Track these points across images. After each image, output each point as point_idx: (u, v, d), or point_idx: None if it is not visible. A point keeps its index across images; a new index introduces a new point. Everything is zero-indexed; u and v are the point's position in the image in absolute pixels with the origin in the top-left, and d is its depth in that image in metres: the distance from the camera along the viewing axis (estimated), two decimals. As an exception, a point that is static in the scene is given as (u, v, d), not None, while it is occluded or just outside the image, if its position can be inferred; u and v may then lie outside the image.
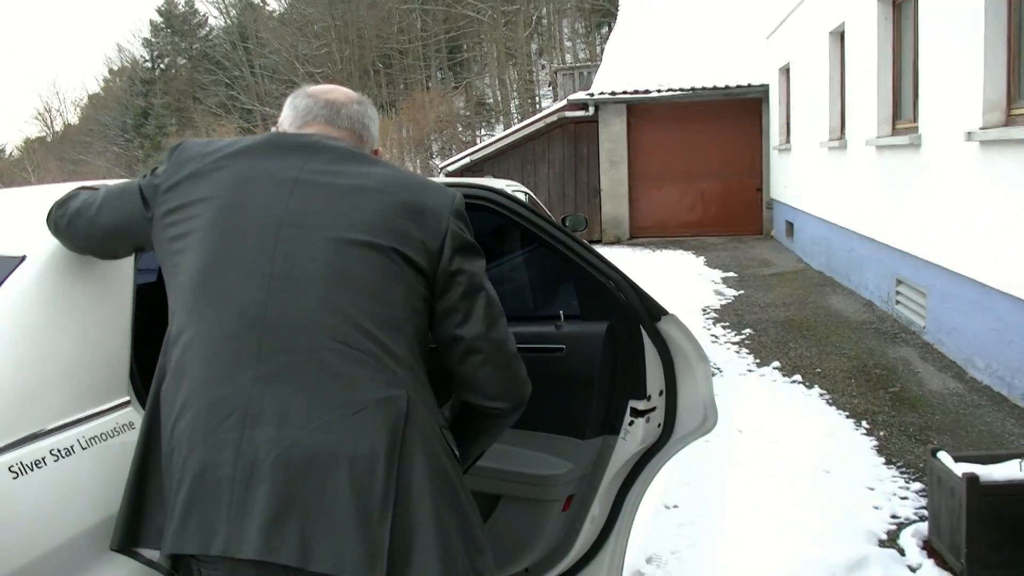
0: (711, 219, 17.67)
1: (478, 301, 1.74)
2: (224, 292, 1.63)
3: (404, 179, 1.80)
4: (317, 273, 1.62)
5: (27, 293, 1.79)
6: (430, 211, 1.74)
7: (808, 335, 8.18)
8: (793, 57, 13.95)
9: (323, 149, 1.80)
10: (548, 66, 40.05)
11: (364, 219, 1.68)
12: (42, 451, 1.63)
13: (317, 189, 1.71)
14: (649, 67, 18.00)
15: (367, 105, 2.04)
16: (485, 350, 1.73)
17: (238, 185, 1.73)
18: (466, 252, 1.76)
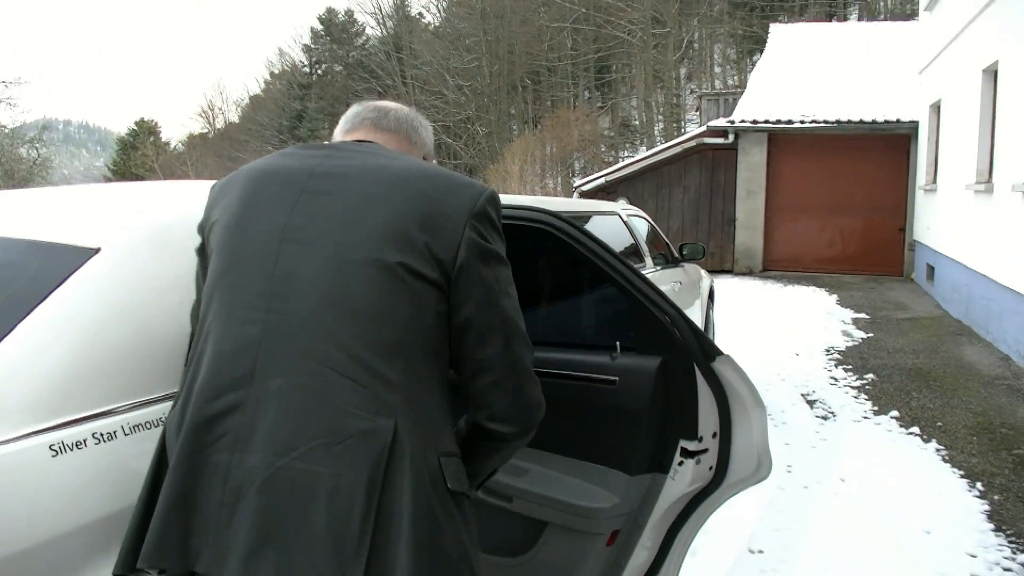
0: (848, 257, 17.15)
1: (493, 316, 1.65)
2: (226, 311, 1.62)
3: (423, 179, 1.69)
4: (313, 295, 1.57)
5: (96, 283, 1.85)
6: (446, 216, 1.63)
7: (934, 386, 7.79)
8: (944, 94, 13.40)
9: (341, 149, 1.77)
10: (696, 91, 39.64)
11: (369, 231, 1.60)
12: (84, 433, 1.68)
13: (322, 199, 1.65)
14: (793, 97, 17.65)
15: (418, 115, 2.01)
16: (497, 370, 1.65)
17: (247, 200, 1.70)
18: (485, 260, 1.66)
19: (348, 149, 1.79)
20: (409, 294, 1.58)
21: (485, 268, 1.65)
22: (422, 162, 1.77)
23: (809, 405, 7.17)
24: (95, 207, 2.34)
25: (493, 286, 1.66)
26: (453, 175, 1.73)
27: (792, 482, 5.25)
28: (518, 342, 1.67)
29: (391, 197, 1.63)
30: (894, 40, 19.35)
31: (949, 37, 12.70)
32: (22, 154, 26.38)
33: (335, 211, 1.63)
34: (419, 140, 1.97)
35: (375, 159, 1.74)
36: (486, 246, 1.66)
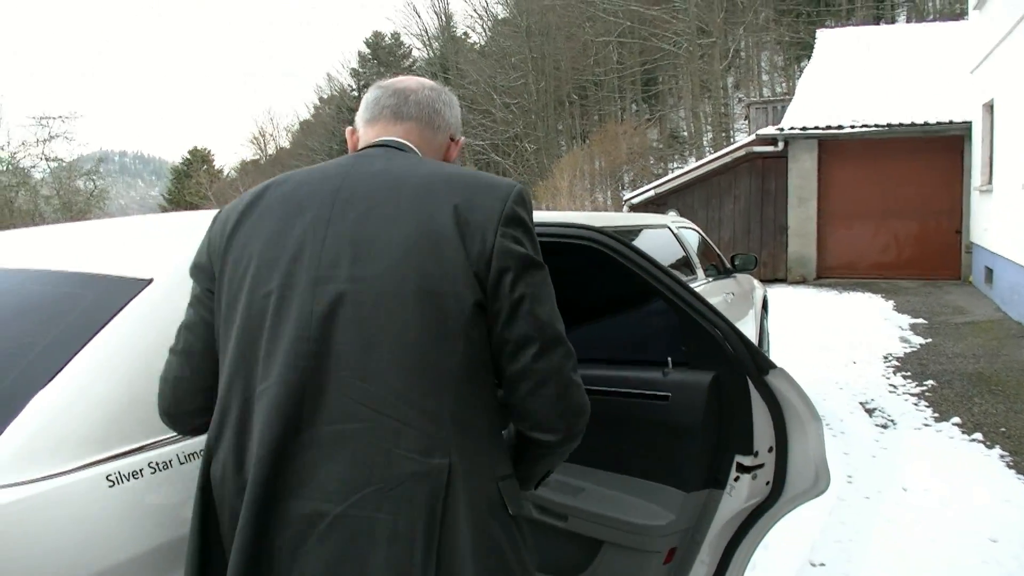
0: (904, 261, 16.88)
1: (529, 324, 1.57)
2: (266, 357, 1.58)
3: (447, 189, 1.61)
4: (354, 335, 1.52)
5: (149, 314, 1.90)
6: (475, 226, 1.56)
7: (997, 391, 7.63)
8: (997, 93, 13.17)
9: (362, 161, 1.72)
10: (744, 99, 39.36)
11: (400, 260, 1.54)
12: (140, 463, 1.71)
13: (350, 228, 1.59)
14: (842, 102, 17.47)
15: (442, 92, 1.94)
16: (535, 378, 1.57)
17: (266, 234, 1.65)
18: (520, 268, 1.58)
19: (372, 157, 1.73)
20: (451, 320, 1.53)
21: (520, 276, 1.58)
22: (444, 167, 1.70)
23: (868, 414, 7.07)
24: (146, 238, 2.39)
25: (528, 293, 1.58)
26: (476, 178, 1.66)
27: (853, 492, 5.17)
28: (556, 348, 1.59)
29: (419, 218, 1.57)
30: (943, 40, 19.09)
31: (1000, 35, 12.49)
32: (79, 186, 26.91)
33: (366, 238, 1.57)
34: (442, 123, 1.90)
35: (401, 164, 1.69)
36: (519, 251, 1.59)
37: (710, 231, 17.44)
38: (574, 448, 1.69)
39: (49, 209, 25.80)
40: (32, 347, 1.83)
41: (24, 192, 25.45)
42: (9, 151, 24.89)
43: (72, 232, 2.60)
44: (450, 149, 1.94)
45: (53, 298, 2.04)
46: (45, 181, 26.61)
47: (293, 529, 1.50)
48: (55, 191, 26.13)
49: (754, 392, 2.49)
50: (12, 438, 1.61)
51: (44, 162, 25.43)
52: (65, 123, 25.89)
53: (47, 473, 1.59)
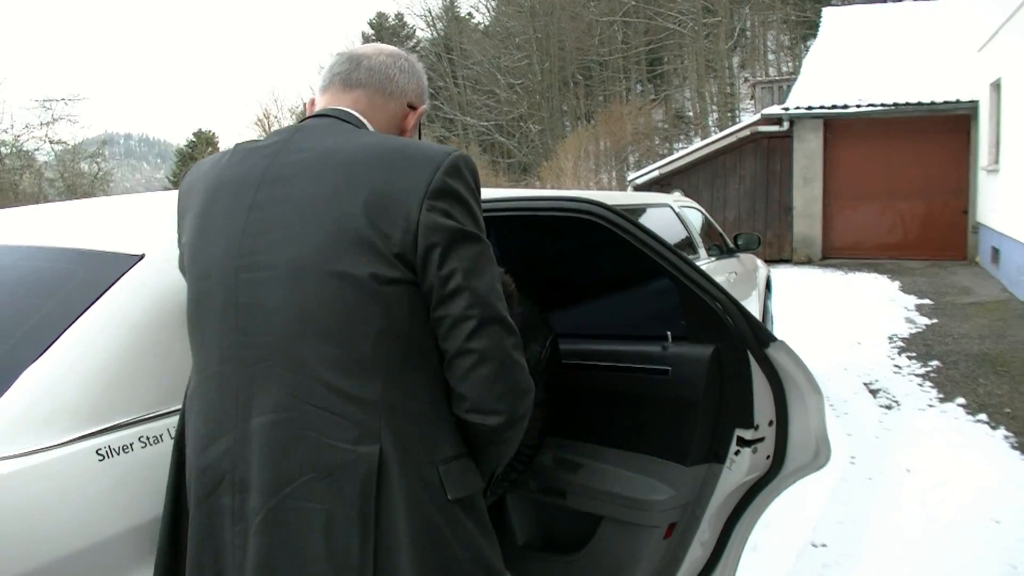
0: (910, 242, 16.83)
1: (462, 301, 1.48)
2: (202, 352, 1.60)
3: (373, 161, 1.53)
4: (278, 324, 1.50)
5: (140, 289, 1.88)
6: (397, 202, 1.48)
7: (1002, 371, 7.61)
8: (1005, 72, 13.08)
9: (298, 135, 1.64)
10: (750, 79, 39.18)
11: (320, 242, 1.49)
12: (131, 438, 1.70)
13: (271, 211, 1.54)
14: (848, 81, 17.37)
15: (400, 57, 1.82)
16: (471, 356, 1.49)
17: (201, 223, 1.64)
18: (448, 243, 1.49)
19: (306, 132, 1.65)
20: (375, 302, 1.47)
21: (449, 251, 1.49)
22: (377, 141, 1.60)
23: (872, 394, 7.05)
24: (139, 215, 2.38)
25: (459, 268, 1.49)
26: (405, 152, 1.55)
27: (856, 473, 5.16)
28: (492, 325, 1.50)
29: (339, 194, 1.51)
30: (950, 19, 18.96)
31: (1007, 13, 12.40)
32: (83, 169, 26.92)
33: (285, 223, 1.53)
34: (396, 89, 1.79)
35: (330, 141, 1.60)
36: (447, 224, 1.49)
37: (715, 211, 17.40)
38: (518, 436, 1.61)
39: (53, 192, 25.84)
40: (24, 322, 1.83)
41: (28, 175, 25.46)
42: (13, 134, 24.90)
43: (65, 210, 2.59)
44: (408, 117, 1.83)
45: (45, 273, 2.04)
46: (49, 164, 26.64)
47: (237, 522, 1.51)
48: (59, 174, 26.15)
49: (754, 365, 2.48)
50: (2, 411, 1.60)
51: (48, 145, 25.45)
52: (69, 105, 25.96)
53: (37, 446, 1.58)
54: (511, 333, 1.54)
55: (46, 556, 1.52)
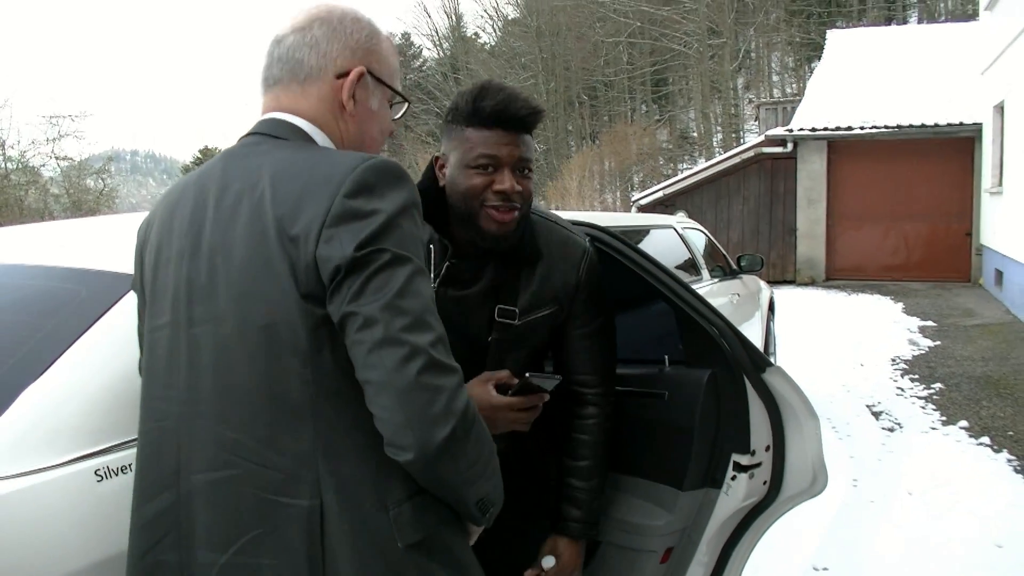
0: (914, 264, 16.83)
1: (358, 324, 1.31)
2: (146, 403, 1.54)
3: (274, 198, 1.39)
4: (207, 380, 1.42)
5: None
6: (298, 240, 1.35)
7: (1005, 394, 7.59)
8: (1008, 94, 13.11)
9: (220, 167, 1.52)
10: (755, 100, 39.28)
11: (234, 296, 1.40)
12: (129, 458, 1.69)
13: (200, 264, 1.45)
14: (852, 103, 17.43)
15: (316, 21, 1.57)
16: (372, 387, 1.31)
17: (155, 265, 1.56)
18: (352, 270, 1.31)
19: (233, 161, 1.52)
20: (290, 351, 1.37)
21: (345, 278, 1.32)
22: (285, 162, 1.44)
23: (875, 417, 7.04)
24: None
25: (356, 289, 1.31)
26: (310, 173, 1.40)
27: (858, 497, 5.15)
28: (387, 348, 1.29)
29: (250, 243, 1.39)
30: (954, 41, 19.03)
31: (1011, 36, 12.44)
32: (89, 185, 26.97)
33: (211, 275, 1.44)
34: (312, 68, 1.55)
35: (243, 178, 1.46)
36: (344, 254, 1.31)
37: (719, 232, 17.41)
38: (446, 471, 1.36)
39: (59, 208, 25.86)
40: (25, 341, 1.83)
41: (34, 191, 25.50)
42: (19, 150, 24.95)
43: (69, 228, 2.61)
44: (342, 89, 1.56)
45: (48, 293, 2.05)
46: (55, 180, 26.69)
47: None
48: (65, 190, 26.19)
49: (751, 390, 2.47)
50: (2, 431, 1.61)
51: (54, 161, 25.49)
52: (75, 122, 25.93)
53: (36, 467, 1.58)
54: (416, 355, 1.30)
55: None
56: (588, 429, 2.24)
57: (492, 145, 1.98)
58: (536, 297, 2.11)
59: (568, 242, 2.19)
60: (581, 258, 2.19)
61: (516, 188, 1.98)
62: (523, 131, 2.01)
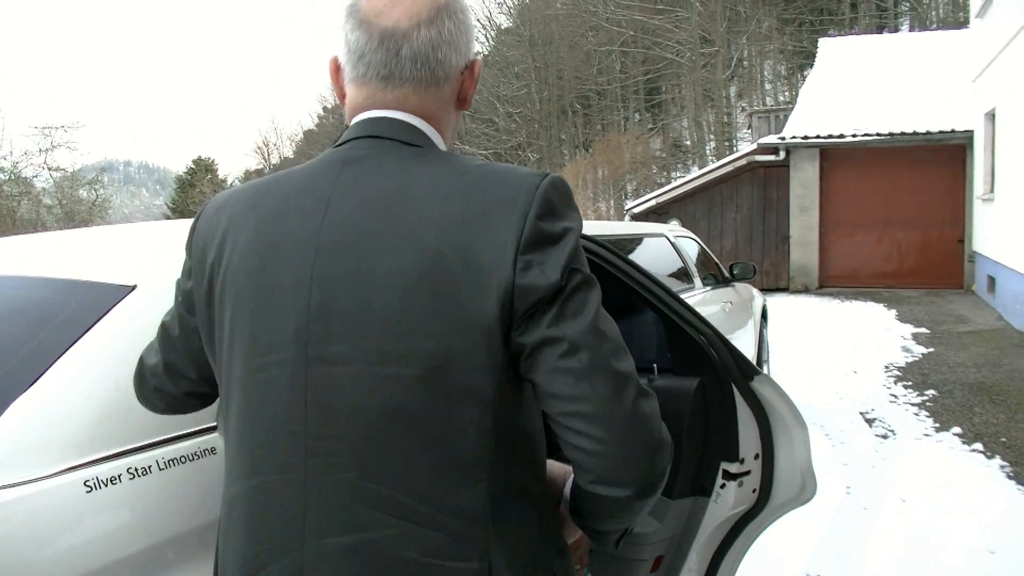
0: (907, 270, 16.87)
1: (562, 343, 1.19)
2: (253, 449, 1.32)
3: (447, 216, 1.23)
4: (356, 426, 1.23)
5: (133, 320, 1.89)
6: (484, 264, 1.20)
7: (998, 400, 7.61)
8: (999, 102, 13.16)
9: (347, 168, 1.32)
10: (747, 108, 39.37)
11: (395, 331, 1.21)
12: (119, 469, 1.69)
13: (339, 290, 1.25)
14: (844, 111, 17.48)
15: (443, 14, 1.37)
16: (584, 414, 1.19)
17: (250, 289, 1.32)
18: (548, 301, 1.20)
19: (355, 167, 1.32)
20: (471, 396, 1.22)
21: (554, 303, 1.20)
22: (449, 172, 1.29)
23: (868, 424, 7.04)
24: (132, 246, 2.39)
25: (562, 313, 1.21)
26: (485, 190, 1.25)
27: (851, 503, 5.15)
28: (603, 374, 1.20)
29: (419, 268, 1.21)
30: (945, 49, 19.11)
31: (1002, 43, 12.49)
32: (82, 196, 27.02)
33: (358, 306, 1.24)
34: (449, 67, 1.39)
35: (391, 184, 1.28)
36: (549, 281, 1.20)
37: (712, 240, 17.44)
38: (650, 503, 1.28)
39: (51, 219, 25.90)
40: (15, 351, 1.83)
41: (27, 201, 25.53)
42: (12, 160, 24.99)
43: (59, 239, 2.61)
44: (464, 84, 1.44)
45: (38, 303, 2.04)
46: (47, 191, 26.74)
47: None
48: (57, 200, 26.25)
49: (740, 398, 2.48)
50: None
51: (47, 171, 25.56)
52: (68, 132, 25.98)
53: (26, 478, 1.58)
54: (627, 382, 1.21)
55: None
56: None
57: None
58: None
59: None
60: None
61: None
62: None
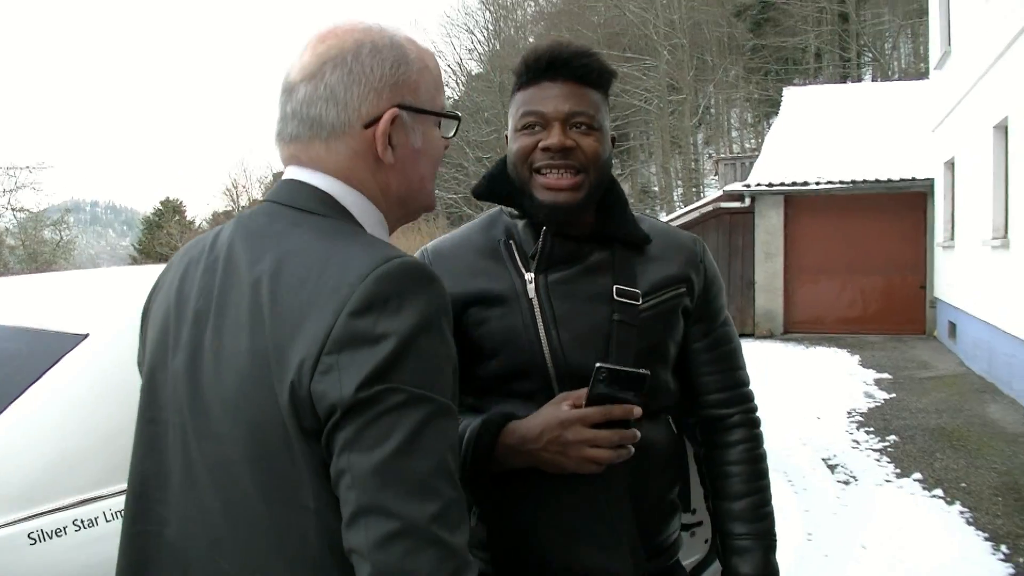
0: (870, 316, 17.00)
1: (346, 475, 1.07)
2: (144, 502, 1.30)
3: (273, 301, 1.14)
4: (206, 502, 1.19)
5: (85, 369, 1.88)
6: (302, 351, 1.08)
7: (958, 446, 7.67)
8: (958, 151, 13.41)
9: (223, 277, 1.23)
10: (714, 155, 39.80)
11: (231, 407, 1.15)
12: (65, 520, 1.68)
13: (204, 361, 1.20)
14: (808, 159, 17.70)
15: (328, 63, 1.26)
16: (355, 551, 1.06)
17: (156, 346, 1.32)
18: (344, 412, 1.06)
19: (246, 241, 1.24)
20: (300, 494, 1.13)
21: (353, 423, 1.06)
22: (299, 251, 1.17)
23: (830, 470, 7.08)
24: (85, 293, 2.38)
25: (358, 439, 1.07)
26: (321, 274, 1.12)
27: (812, 551, 5.16)
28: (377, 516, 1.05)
29: (251, 354, 1.14)
30: (907, 99, 19.41)
31: (960, 95, 12.76)
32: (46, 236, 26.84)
33: (206, 384, 1.19)
34: (335, 123, 1.26)
35: (257, 255, 1.20)
36: (343, 393, 1.06)
37: (678, 285, 17.50)
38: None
39: (14, 259, 25.67)
40: None
41: (-11, 243, 25.38)
42: (-27, 202, 24.85)
43: (12, 285, 2.59)
44: (375, 140, 1.27)
45: None
46: (11, 231, 26.54)
47: None
48: (21, 241, 26.05)
49: (689, 446, 2.48)
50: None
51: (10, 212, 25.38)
52: (33, 173, 25.87)
53: None
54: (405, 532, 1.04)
55: None
56: (737, 457, 1.86)
57: (536, 100, 1.66)
58: (658, 277, 1.75)
59: (677, 233, 1.87)
60: (695, 245, 1.85)
61: (566, 143, 1.63)
62: (572, 80, 1.66)
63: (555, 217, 1.66)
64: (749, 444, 1.87)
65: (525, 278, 1.69)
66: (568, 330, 1.66)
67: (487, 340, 1.69)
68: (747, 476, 1.84)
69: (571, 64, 1.65)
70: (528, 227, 1.74)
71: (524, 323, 1.67)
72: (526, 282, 1.69)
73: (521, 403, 1.67)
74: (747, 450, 1.86)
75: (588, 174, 1.65)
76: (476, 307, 1.70)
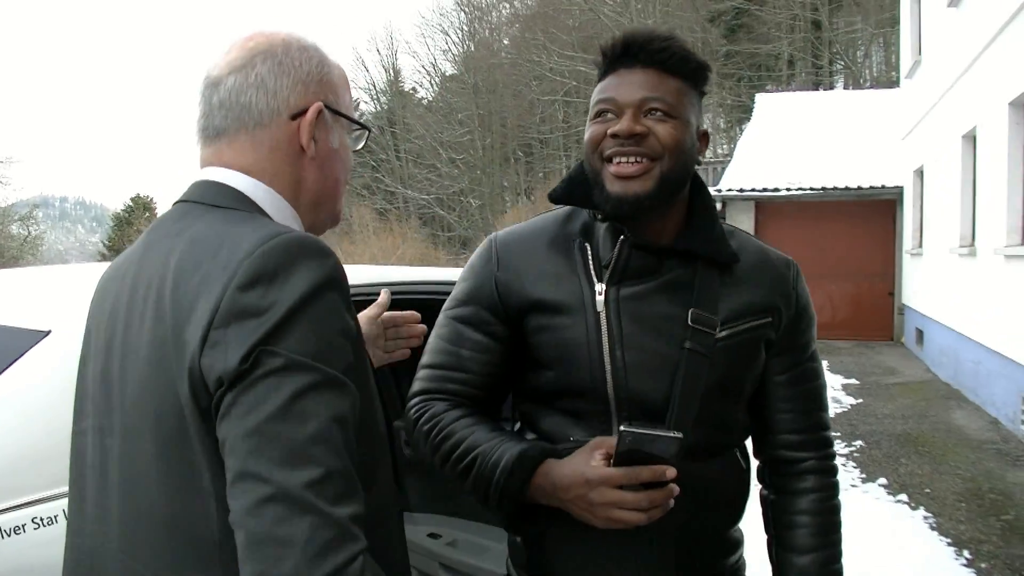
0: (839, 322, 17.11)
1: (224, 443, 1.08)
2: (73, 514, 1.36)
3: (175, 277, 1.14)
4: (116, 501, 1.20)
5: (45, 366, 1.86)
6: (193, 329, 1.08)
7: (923, 451, 7.75)
8: (927, 160, 13.55)
9: (137, 272, 1.24)
10: (686, 160, 39.86)
11: (135, 397, 1.17)
12: (23, 519, 1.66)
13: (114, 361, 1.22)
14: (780, 165, 17.81)
15: (259, 55, 1.29)
16: (232, 521, 1.05)
17: (83, 356, 1.37)
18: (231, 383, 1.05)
19: (160, 238, 1.25)
20: (198, 477, 1.13)
21: (235, 393, 1.06)
22: (199, 238, 1.17)
23: (797, 473, 7.10)
24: (48, 290, 2.36)
25: (234, 405, 1.06)
26: (215, 253, 1.13)
27: (777, 553, 5.18)
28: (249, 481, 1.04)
29: (153, 339, 1.14)
30: (877, 107, 19.57)
31: (929, 104, 12.88)
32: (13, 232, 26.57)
33: (116, 381, 1.21)
34: (263, 111, 1.28)
35: (163, 259, 1.19)
36: (228, 365, 1.05)
37: (649, 289, 17.56)
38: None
39: (-20, 254, 25.47)
40: None
41: (-44, 238, 25.13)
42: (-59, 196, 24.60)
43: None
44: (300, 132, 1.30)
45: None
46: (-23, 226, 26.34)
47: None
48: (-13, 236, 25.85)
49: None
50: None
51: (-23, 207, 25.19)
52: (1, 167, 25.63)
53: None
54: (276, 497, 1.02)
55: None
56: (808, 506, 1.70)
57: (611, 88, 1.57)
58: (741, 304, 1.61)
59: (770, 252, 1.71)
60: (788, 269, 1.70)
61: (636, 128, 1.50)
62: (651, 66, 1.54)
63: (624, 210, 1.52)
64: (823, 493, 1.71)
65: (596, 288, 1.57)
66: (634, 352, 1.54)
67: (545, 349, 1.59)
68: (818, 529, 1.68)
69: (647, 48, 1.54)
70: (608, 232, 1.60)
71: (588, 338, 1.55)
72: (595, 293, 1.57)
73: (573, 423, 1.58)
74: (820, 500, 1.70)
75: (661, 163, 1.51)
76: (537, 312, 1.60)
